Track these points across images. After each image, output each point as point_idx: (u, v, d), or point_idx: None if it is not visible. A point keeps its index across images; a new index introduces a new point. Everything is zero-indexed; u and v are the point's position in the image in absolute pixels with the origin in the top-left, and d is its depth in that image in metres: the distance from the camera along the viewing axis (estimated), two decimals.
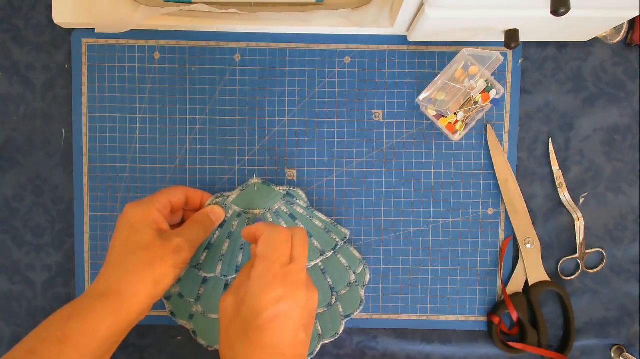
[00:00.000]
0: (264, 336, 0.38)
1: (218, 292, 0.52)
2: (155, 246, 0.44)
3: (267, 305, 0.38)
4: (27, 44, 0.55)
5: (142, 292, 0.43)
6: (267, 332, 0.38)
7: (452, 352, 0.57)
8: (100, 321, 0.41)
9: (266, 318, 0.38)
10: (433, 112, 0.53)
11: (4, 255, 0.56)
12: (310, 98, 0.55)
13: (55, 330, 0.40)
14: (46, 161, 0.55)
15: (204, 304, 0.52)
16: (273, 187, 0.53)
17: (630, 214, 0.56)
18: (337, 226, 0.53)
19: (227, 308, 0.40)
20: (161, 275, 0.43)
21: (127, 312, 0.42)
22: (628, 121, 0.56)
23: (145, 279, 0.43)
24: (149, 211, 0.45)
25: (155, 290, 0.43)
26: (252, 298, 0.39)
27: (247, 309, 0.39)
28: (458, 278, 0.56)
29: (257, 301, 0.38)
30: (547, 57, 0.55)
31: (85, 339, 0.40)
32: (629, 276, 0.56)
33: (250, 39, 0.55)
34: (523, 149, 0.56)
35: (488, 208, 0.56)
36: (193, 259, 0.50)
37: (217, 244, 0.51)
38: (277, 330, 0.38)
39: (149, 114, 0.55)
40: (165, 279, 0.44)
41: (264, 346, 0.38)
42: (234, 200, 0.52)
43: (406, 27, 0.52)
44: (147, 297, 0.43)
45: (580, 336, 0.57)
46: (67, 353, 0.39)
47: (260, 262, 0.40)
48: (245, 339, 0.38)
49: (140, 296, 0.43)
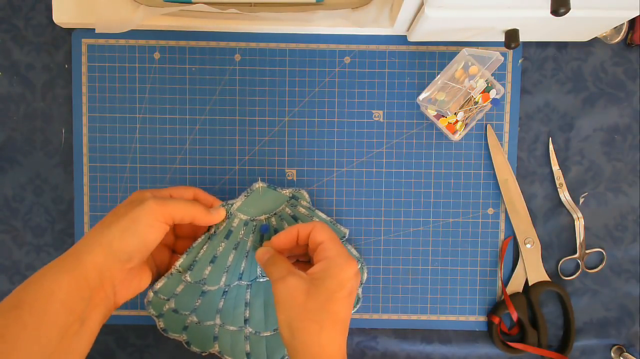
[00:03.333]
0: (343, 309, 0.42)
1: (216, 300, 0.50)
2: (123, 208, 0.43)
3: (350, 278, 0.43)
4: (27, 44, 0.55)
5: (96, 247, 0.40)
6: (345, 305, 0.43)
7: (452, 352, 0.57)
8: (54, 281, 0.39)
9: (347, 291, 0.42)
10: (433, 112, 0.53)
11: (4, 255, 0.56)
12: (310, 98, 0.55)
13: (12, 298, 0.38)
14: (46, 161, 0.55)
15: (200, 314, 0.50)
16: (279, 190, 0.51)
17: (630, 214, 0.56)
18: (336, 225, 0.52)
19: (297, 286, 0.42)
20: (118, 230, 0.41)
21: (82, 270, 0.39)
22: (628, 121, 0.56)
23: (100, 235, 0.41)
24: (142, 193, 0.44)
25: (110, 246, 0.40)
26: (337, 273, 0.42)
27: (331, 284, 0.42)
28: (458, 277, 0.56)
29: (341, 275, 0.42)
30: (547, 57, 0.55)
31: (40, 302, 0.38)
32: (629, 276, 0.56)
33: (250, 39, 0.55)
34: (523, 149, 0.56)
35: (488, 208, 0.56)
36: (197, 276, 0.47)
37: (223, 256, 0.48)
38: (350, 304, 0.43)
39: (149, 114, 0.55)
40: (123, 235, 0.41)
41: (343, 318, 0.43)
42: (239, 207, 0.49)
43: (406, 27, 0.52)
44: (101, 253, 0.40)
45: (580, 336, 0.57)
46: (23, 318, 0.37)
47: (333, 243, 0.44)
48: (330, 309, 0.42)
49: (94, 252, 0.40)
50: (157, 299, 0.49)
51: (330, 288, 0.42)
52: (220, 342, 0.51)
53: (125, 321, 0.56)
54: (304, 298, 0.42)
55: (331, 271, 0.42)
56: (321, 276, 0.42)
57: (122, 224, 0.41)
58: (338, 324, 0.42)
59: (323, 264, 0.43)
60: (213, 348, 0.51)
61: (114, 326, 0.56)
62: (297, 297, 0.42)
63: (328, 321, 0.41)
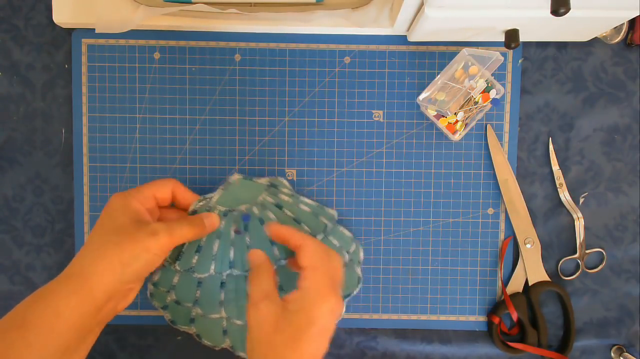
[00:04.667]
0: (311, 347, 0.39)
1: (215, 291, 0.50)
2: (128, 228, 0.42)
3: (323, 315, 0.40)
4: (27, 44, 0.55)
5: (107, 271, 0.40)
6: (314, 343, 0.39)
7: (452, 352, 0.57)
8: (62, 302, 0.39)
9: (319, 328, 0.39)
10: (433, 112, 0.53)
11: (4, 255, 0.56)
12: (310, 98, 0.55)
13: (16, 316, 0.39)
14: (46, 161, 0.55)
15: (203, 306, 0.51)
16: (255, 180, 0.51)
17: (630, 214, 0.56)
18: (324, 209, 0.52)
19: (267, 316, 0.40)
20: (130, 256, 0.41)
21: (91, 292, 0.40)
22: (628, 121, 0.56)
23: (110, 258, 0.41)
24: (128, 200, 0.44)
25: (122, 272, 0.41)
26: (308, 307, 0.40)
27: (300, 319, 0.39)
28: (458, 277, 0.56)
29: (313, 311, 0.40)
30: (547, 57, 0.55)
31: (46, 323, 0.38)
32: (629, 276, 0.56)
33: (250, 39, 0.55)
34: (523, 149, 0.56)
35: (488, 208, 0.56)
36: (185, 264, 0.48)
37: (207, 245, 0.49)
38: (322, 342, 0.40)
39: (149, 114, 0.55)
40: (134, 262, 0.41)
41: (310, 355, 0.39)
42: (218, 200, 0.50)
43: (406, 27, 0.52)
44: (112, 278, 0.40)
45: (580, 336, 0.57)
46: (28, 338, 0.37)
47: (313, 273, 0.41)
48: (295, 348, 0.39)
49: (105, 276, 0.40)
50: (157, 291, 0.50)
51: (300, 324, 0.39)
52: (230, 337, 0.51)
53: (125, 321, 0.56)
54: (271, 330, 0.40)
55: (304, 304, 0.40)
56: (293, 308, 0.40)
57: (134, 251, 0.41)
58: None
59: (298, 294, 0.41)
60: (225, 342, 0.51)
61: (114, 326, 0.56)
62: (264, 327, 0.40)
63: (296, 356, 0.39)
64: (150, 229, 0.42)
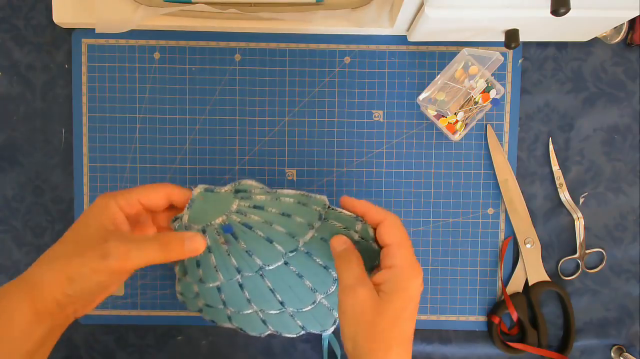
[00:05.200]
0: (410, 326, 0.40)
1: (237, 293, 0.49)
2: (89, 241, 0.40)
3: (418, 293, 0.40)
4: (27, 44, 0.55)
5: (54, 283, 0.38)
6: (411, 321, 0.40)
7: (452, 352, 0.57)
8: (13, 306, 0.38)
9: (416, 304, 0.40)
10: (433, 112, 0.53)
11: (4, 255, 0.56)
12: (310, 98, 0.55)
13: None
14: (46, 161, 0.55)
15: (233, 305, 0.50)
16: (217, 190, 0.47)
17: (630, 214, 0.56)
18: (310, 197, 0.48)
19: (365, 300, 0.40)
20: (77, 274, 0.38)
21: (42, 300, 0.38)
22: (628, 121, 0.56)
23: (58, 271, 0.39)
24: (109, 203, 0.41)
25: (69, 287, 0.38)
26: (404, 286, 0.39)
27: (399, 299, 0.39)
28: (458, 277, 0.56)
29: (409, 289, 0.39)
30: (547, 57, 0.55)
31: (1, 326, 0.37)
32: (629, 276, 0.56)
33: (250, 39, 0.55)
34: (523, 149, 0.56)
35: (488, 208, 0.56)
36: (193, 277, 0.47)
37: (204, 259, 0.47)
38: (414, 318, 0.40)
39: (149, 114, 0.55)
40: (81, 280, 0.38)
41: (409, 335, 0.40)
42: (189, 219, 0.46)
43: (406, 27, 0.52)
44: (59, 291, 0.38)
45: (580, 336, 0.57)
46: None
47: (400, 250, 0.41)
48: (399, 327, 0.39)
49: (52, 287, 0.38)
50: (185, 298, 0.50)
51: (399, 306, 0.39)
52: (271, 324, 0.51)
53: (125, 321, 0.56)
54: (373, 315, 0.39)
55: (399, 285, 0.40)
56: (389, 290, 0.40)
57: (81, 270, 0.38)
58: (405, 343, 0.40)
59: (390, 273, 0.40)
60: (268, 329, 0.51)
61: (114, 326, 0.56)
62: (365, 313, 0.39)
63: (396, 341, 0.39)
64: (101, 251, 0.39)
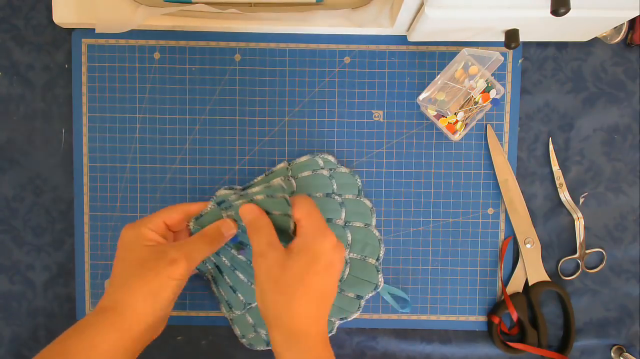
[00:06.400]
0: (319, 281, 0.42)
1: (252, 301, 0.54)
2: (149, 260, 0.44)
3: (326, 251, 0.42)
4: (27, 44, 0.55)
5: (140, 304, 0.43)
6: (322, 278, 0.42)
7: (452, 352, 0.57)
8: (99, 335, 0.42)
9: (323, 264, 0.42)
10: (433, 112, 0.53)
11: (4, 255, 0.56)
12: (310, 98, 0.55)
13: (56, 347, 0.41)
14: (46, 161, 0.55)
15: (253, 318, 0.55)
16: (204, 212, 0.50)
17: (630, 214, 0.56)
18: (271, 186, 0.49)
19: (274, 261, 0.42)
20: (158, 287, 0.43)
21: (128, 325, 0.42)
22: (628, 121, 0.56)
23: (140, 290, 0.43)
24: (140, 230, 0.46)
25: (155, 301, 0.43)
26: (310, 245, 0.43)
27: (305, 256, 0.42)
28: (458, 277, 0.56)
29: (316, 247, 0.42)
30: (547, 57, 0.55)
31: (84, 355, 0.41)
32: (629, 276, 0.56)
33: (250, 39, 0.55)
34: (523, 149, 0.56)
35: (488, 208, 0.56)
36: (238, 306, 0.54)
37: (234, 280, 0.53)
38: (329, 277, 0.43)
39: (149, 114, 0.55)
40: (163, 291, 0.43)
41: (319, 290, 0.42)
42: None
43: (406, 27, 0.52)
44: (146, 310, 0.43)
45: (580, 336, 0.57)
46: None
47: (308, 217, 0.44)
48: (303, 282, 0.42)
49: (138, 308, 0.43)
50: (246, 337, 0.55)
51: (305, 261, 0.42)
52: None
53: None
54: (280, 272, 0.42)
55: (306, 244, 0.43)
56: (297, 249, 0.43)
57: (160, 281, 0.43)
58: (312, 296, 0.42)
59: (299, 239, 0.44)
60: None
61: None
62: (273, 271, 0.42)
63: (299, 292, 0.41)
64: (169, 259, 0.44)
